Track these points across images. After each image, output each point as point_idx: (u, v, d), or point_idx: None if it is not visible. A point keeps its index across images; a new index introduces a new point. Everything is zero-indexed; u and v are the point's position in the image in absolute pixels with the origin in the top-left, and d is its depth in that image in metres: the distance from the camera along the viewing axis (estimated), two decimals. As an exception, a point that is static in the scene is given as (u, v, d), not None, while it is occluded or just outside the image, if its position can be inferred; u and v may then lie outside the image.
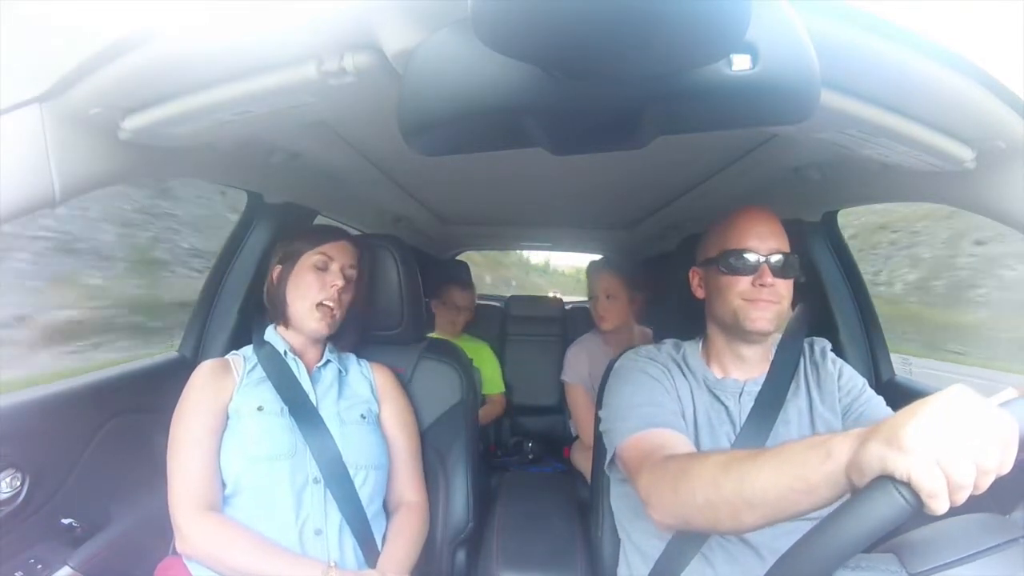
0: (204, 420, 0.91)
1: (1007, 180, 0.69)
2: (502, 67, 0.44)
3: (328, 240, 1.03)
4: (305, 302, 0.99)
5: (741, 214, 0.89)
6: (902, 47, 0.52)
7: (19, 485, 0.82)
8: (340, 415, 0.99)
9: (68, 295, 3.08)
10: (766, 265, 0.84)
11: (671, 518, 0.67)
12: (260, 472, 0.89)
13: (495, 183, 1.59)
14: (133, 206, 3.64)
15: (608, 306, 1.80)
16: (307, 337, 1.02)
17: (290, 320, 1.01)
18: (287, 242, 1.05)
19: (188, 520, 0.85)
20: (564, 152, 0.56)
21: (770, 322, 0.85)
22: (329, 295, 0.99)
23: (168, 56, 0.56)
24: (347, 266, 1.03)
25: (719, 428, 0.88)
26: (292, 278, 1.00)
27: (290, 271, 1.01)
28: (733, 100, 0.46)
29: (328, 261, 1.01)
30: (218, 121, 0.68)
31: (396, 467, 1.05)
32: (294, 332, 1.02)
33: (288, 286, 1.00)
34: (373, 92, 0.61)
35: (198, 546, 0.84)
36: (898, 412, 0.46)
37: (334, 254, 1.02)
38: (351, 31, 0.53)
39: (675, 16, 0.35)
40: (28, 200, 0.61)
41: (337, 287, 0.99)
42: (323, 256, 1.01)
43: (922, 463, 0.41)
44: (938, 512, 0.42)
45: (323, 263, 1.01)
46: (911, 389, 1.23)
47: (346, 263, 1.03)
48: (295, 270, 1.00)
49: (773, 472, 0.54)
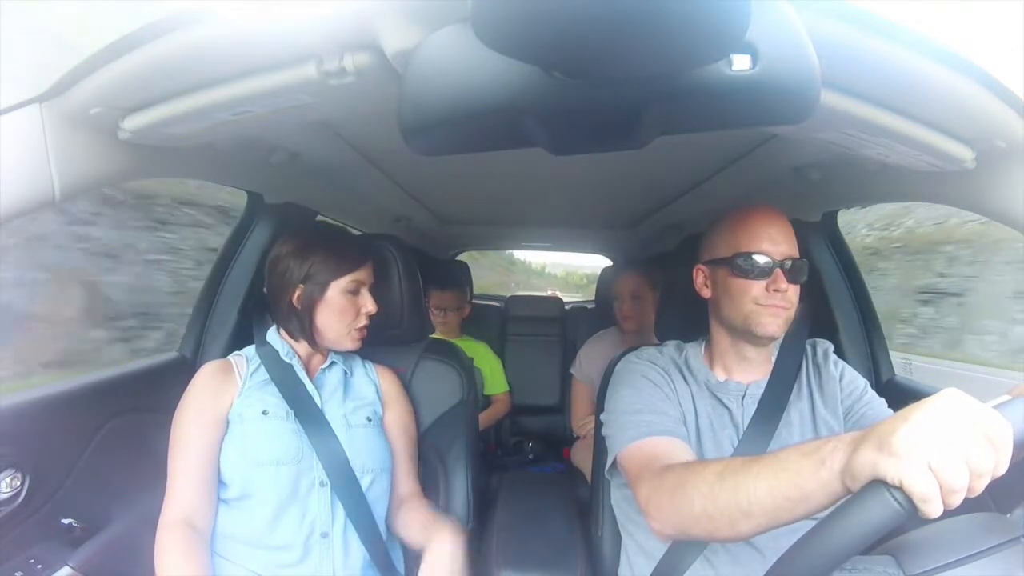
0: (201, 432, 0.91)
1: (1007, 180, 0.69)
2: (502, 67, 0.44)
3: (362, 264, 1.00)
4: (341, 327, 0.98)
5: (754, 215, 0.86)
6: (902, 47, 0.52)
7: (19, 485, 0.82)
8: (346, 418, 0.98)
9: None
10: (780, 270, 0.83)
11: (670, 528, 0.67)
12: (266, 477, 0.89)
13: (495, 183, 1.59)
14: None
15: (634, 307, 1.81)
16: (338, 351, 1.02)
17: (320, 340, 1.00)
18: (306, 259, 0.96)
19: (162, 527, 0.86)
20: (564, 152, 0.56)
21: (780, 328, 0.84)
22: (365, 321, 0.99)
23: (168, 56, 0.56)
24: (372, 285, 1.02)
25: (721, 432, 0.88)
26: (323, 304, 0.97)
27: (320, 297, 0.97)
28: (733, 100, 0.46)
29: (360, 285, 0.99)
30: (218, 121, 0.68)
31: (394, 469, 1.04)
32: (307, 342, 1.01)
33: (318, 311, 0.97)
34: (373, 92, 0.61)
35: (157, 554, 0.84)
36: (891, 416, 0.46)
37: (364, 277, 1.00)
38: (351, 31, 0.53)
39: (675, 16, 0.35)
40: (28, 200, 0.61)
41: (370, 312, 0.99)
42: (356, 282, 0.99)
43: (913, 467, 0.41)
44: (932, 516, 0.42)
45: (356, 288, 0.99)
46: (911, 389, 1.23)
47: (372, 282, 1.02)
48: (326, 297, 0.97)
49: (768, 481, 0.54)
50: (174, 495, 0.88)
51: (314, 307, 0.97)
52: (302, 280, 0.96)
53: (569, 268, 20.65)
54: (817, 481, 0.50)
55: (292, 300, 0.97)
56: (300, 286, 0.97)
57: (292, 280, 0.97)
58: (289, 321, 0.99)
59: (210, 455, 0.90)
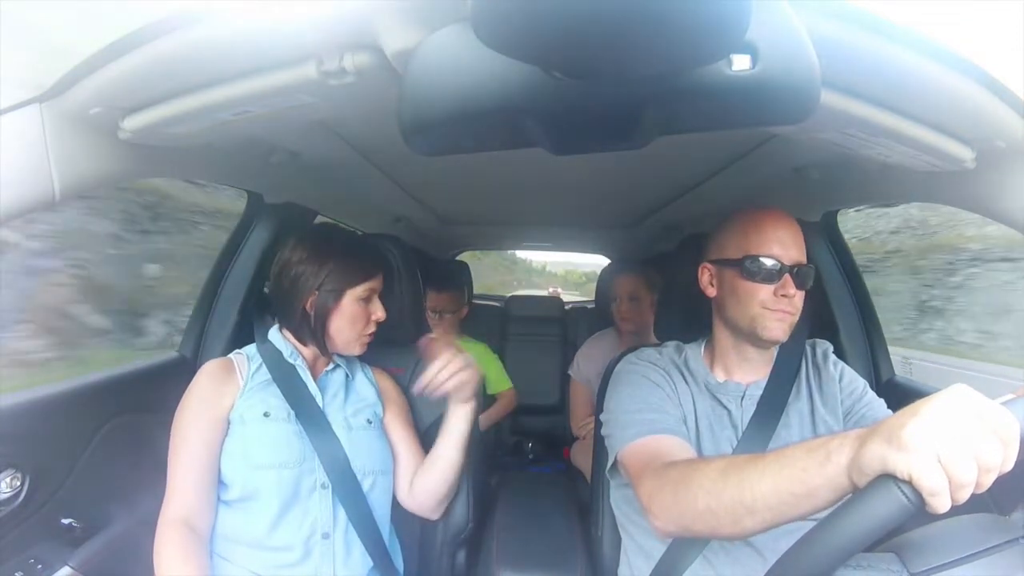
0: (201, 433, 0.90)
1: (1007, 180, 0.69)
2: (502, 67, 0.44)
3: (377, 273, 1.00)
4: (352, 334, 0.98)
5: (766, 217, 0.86)
6: (902, 47, 0.52)
7: (19, 485, 0.82)
8: (347, 420, 0.98)
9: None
10: (789, 276, 0.82)
11: (672, 525, 0.67)
12: (268, 479, 0.89)
13: (495, 183, 1.59)
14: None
15: (632, 308, 1.82)
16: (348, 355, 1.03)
17: (330, 346, 1.00)
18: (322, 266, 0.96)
19: (161, 527, 0.86)
20: (564, 152, 0.56)
21: (785, 332, 0.84)
22: (375, 328, 1.00)
23: (168, 56, 0.56)
24: (382, 292, 1.02)
25: (720, 433, 0.88)
26: (337, 312, 0.97)
27: (334, 304, 0.97)
28: (733, 100, 0.46)
29: (372, 293, 1.00)
30: (218, 121, 0.68)
31: (399, 461, 1.04)
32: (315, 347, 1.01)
33: (332, 318, 0.97)
34: (373, 92, 0.60)
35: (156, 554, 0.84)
36: (899, 411, 0.46)
37: (377, 285, 1.01)
38: (351, 31, 0.53)
39: (675, 16, 0.35)
40: (28, 200, 0.61)
41: (380, 319, 1.00)
42: (370, 290, 0.99)
43: (923, 461, 0.41)
44: (940, 511, 0.42)
45: (369, 295, 0.99)
46: (911, 389, 1.23)
47: (382, 289, 1.03)
48: (340, 304, 0.97)
49: (773, 477, 0.54)
50: (174, 495, 0.87)
51: (328, 314, 0.97)
52: (317, 287, 0.96)
53: (568, 267, 20.85)
54: (823, 476, 0.50)
55: (305, 306, 0.97)
56: (315, 292, 0.96)
57: (307, 286, 0.96)
58: (300, 326, 0.99)
59: (210, 456, 0.90)
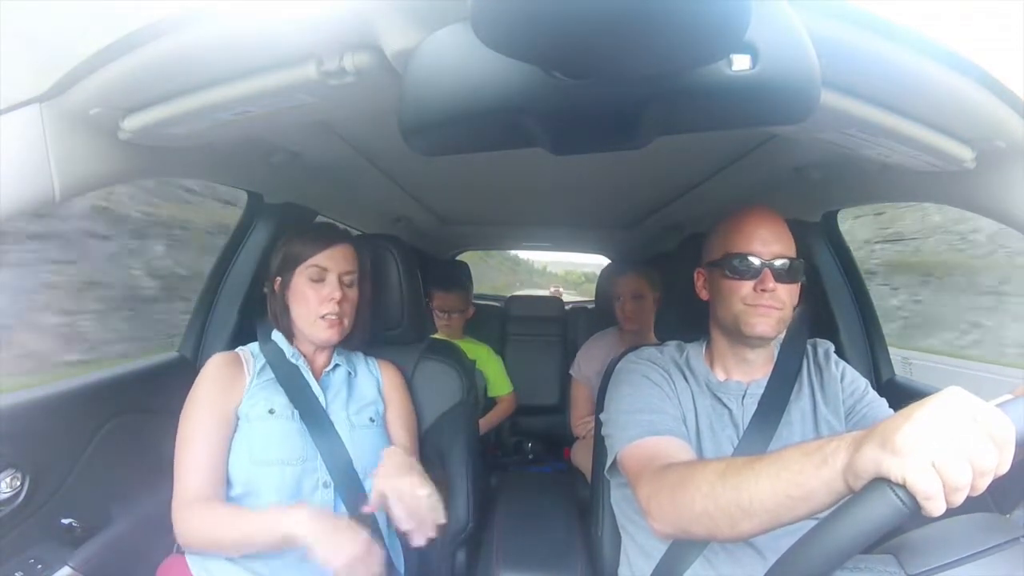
0: (212, 420, 0.91)
1: (1007, 180, 0.69)
2: (502, 67, 0.44)
3: (321, 249, 0.97)
4: (308, 315, 0.97)
5: (746, 216, 0.87)
6: (902, 47, 0.52)
7: (19, 485, 0.82)
8: (350, 419, 0.99)
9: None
10: (769, 270, 0.83)
11: (670, 527, 0.67)
12: (270, 476, 0.89)
13: (495, 183, 1.60)
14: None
15: (635, 307, 1.82)
16: (317, 344, 1.02)
17: (296, 332, 1.00)
18: (282, 249, 1.00)
19: (183, 512, 0.85)
20: (564, 152, 0.56)
21: (771, 328, 0.84)
22: (329, 308, 0.96)
23: (168, 56, 0.56)
24: (344, 273, 0.99)
25: (721, 432, 0.88)
26: (290, 291, 0.98)
27: (288, 283, 0.98)
28: (733, 100, 0.46)
29: (323, 272, 0.97)
30: (218, 121, 0.68)
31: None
32: (302, 340, 1.01)
33: (288, 298, 0.98)
34: (373, 92, 0.60)
35: (192, 533, 0.84)
36: (894, 415, 0.46)
37: (328, 264, 0.97)
38: (351, 31, 0.53)
39: (675, 16, 0.35)
40: (28, 200, 0.61)
41: (335, 300, 0.96)
42: (317, 268, 0.97)
43: (917, 465, 0.41)
44: (935, 514, 0.42)
45: (318, 275, 0.97)
46: (911, 389, 1.23)
47: (343, 270, 0.99)
48: (292, 283, 0.97)
49: (770, 480, 0.54)
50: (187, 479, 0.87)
51: (285, 296, 0.99)
52: (278, 271, 1.00)
53: (568, 267, 21.02)
54: (819, 479, 0.50)
55: (275, 289, 1.01)
56: (277, 278, 1.00)
57: (271, 272, 1.01)
58: (276, 317, 1.01)
59: (221, 443, 0.90)
